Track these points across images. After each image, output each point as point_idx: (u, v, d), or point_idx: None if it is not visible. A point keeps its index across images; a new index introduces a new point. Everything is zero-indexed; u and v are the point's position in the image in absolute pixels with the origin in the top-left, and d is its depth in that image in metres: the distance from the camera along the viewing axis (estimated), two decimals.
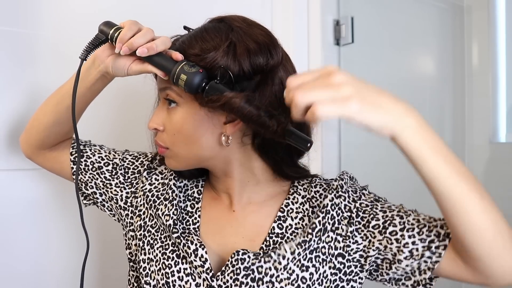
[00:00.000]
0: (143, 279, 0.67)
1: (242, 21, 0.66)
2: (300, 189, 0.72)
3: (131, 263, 0.73)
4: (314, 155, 0.74)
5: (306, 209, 0.69)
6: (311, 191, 0.71)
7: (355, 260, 0.65)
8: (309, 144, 0.57)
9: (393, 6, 1.42)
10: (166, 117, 0.66)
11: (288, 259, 0.63)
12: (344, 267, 0.65)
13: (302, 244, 0.63)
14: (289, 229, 0.68)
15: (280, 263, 0.62)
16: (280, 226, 0.68)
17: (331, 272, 0.64)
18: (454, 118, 1.54)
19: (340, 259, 0.65)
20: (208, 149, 0.66)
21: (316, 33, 1.24)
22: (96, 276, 0.98)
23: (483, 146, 1.47)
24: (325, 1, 1.25)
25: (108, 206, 0.77)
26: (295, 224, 0.68)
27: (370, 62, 1.38)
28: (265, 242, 0.67)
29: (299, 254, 0.63)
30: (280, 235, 0.67)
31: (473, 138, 1.50)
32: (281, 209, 0.69)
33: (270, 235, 0.67)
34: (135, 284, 0.73)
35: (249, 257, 0.62)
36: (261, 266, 0.62)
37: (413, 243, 0.61)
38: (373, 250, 0.64)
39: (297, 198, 0.71)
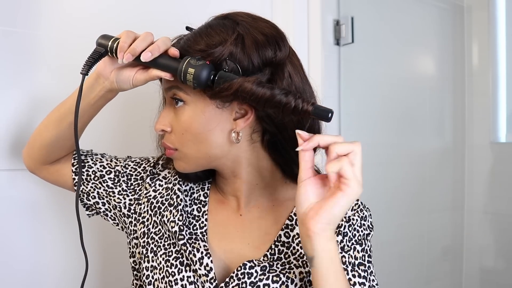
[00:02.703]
0: (146, 287, 0.66)
1: (246, 15, 0.65)
2: None
3: (135, 272, 0.72)
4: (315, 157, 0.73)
5: None
6: None
7: None
8: (330, 114, 0.55)
9: (393, 6, 1.42)
10: (174, 117, 0.65)
11: (296, 284, 0.61)
12: None
13: (308, 273, 0.62)
14: (296, 239, 0.66)
15: (287, 286, 0.61)
16: (287, 234, 0.66)
17: None
18: (454, 118, 1.54)
19: None
20: (218, 147, 0.64)
21: (316, 33, 1.24)
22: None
23: (483, 146, 1.47)
24: (325, 1, 1.25)
25: (111, 215, 0.75)
26: None
27: (370, 62, 1.38)
28: (270, 250, 0.65)
29: (306, 285, 0.62)
30: (286, 244, 0.66)
31: (473, 138, 1.50)
32: (289, 217, 0.68)
33: (276, 243, 0.66)
34: None
35: (256, 271, 0.61)
36: (268, 285, 0.61)
37: None
38: None
39: None
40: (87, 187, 0.74)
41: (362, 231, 0.67)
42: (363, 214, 0.68)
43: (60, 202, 0.92)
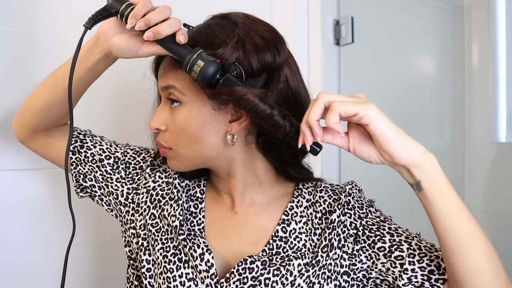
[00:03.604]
0: (146, 279, 0.65)
1: (246, 17, 0.64)
2: (305, 192, 0.71)
3: (131, 261, 0.72)
4: (314, 156, 0.73)
5: (310, 213, 0.69)
6: (316, 195, 0.70)
7: (358, 279, 0.65)
8: (319, 149, 0.57)
9: (393, 6, 1.42)
10: (169, 117, 0.65)
11: (295, 276, 0.62)
12: (348, 286, 0.64)
13: (312, 265, 0.63)
14: (292, 233, 0.67)
15: (287, 278, 0.62)
16: (284, 229, 0.67)
17: None
18: (454, 118, 1.54)
19: (345, 277, 0.64)
20: (213, 149, 0.64)
21: (316, 33, 1.24)
22: (94, 274, 0.97)
23: (483, 146, 1.47)
24: (325, 1, 1.25)
25: (106, 200, 0.74)
26: (299, 228, 0.67)
27: (370, 62, 1.38)
28: (268, 245, 0.66)
29: (307, 271, 0.62)
30: (283, 239, 0.66)
31: (473, 138, 1.49)
32: (285, 212, 0.69)
33: (274, 238, 0.66)
34: (135, 283, 0.71)
35: (257, 266, 0.61)
36: (269, 279, 0.61)
37: (413, 270, 0.60)
38: (375, 272, 0.63)
39: (302, 202, 0.70)
40: (84, 169, 0.73)
41: (364, 198, 0.71)
42: (358, 188, 0.73)
43: (60, 202, 0.92)
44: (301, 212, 0.69)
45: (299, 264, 0.62)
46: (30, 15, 0.88)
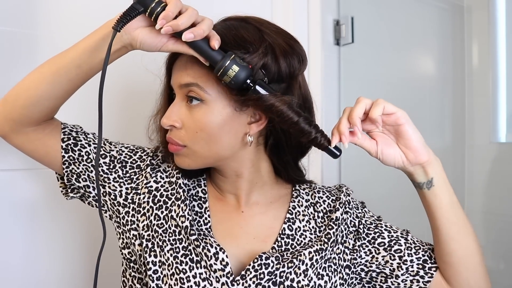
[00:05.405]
0: (153, 282, 0.63)
1: (267, 22, 0.66)
2: (303, 193, 0.75)
3: (131, 263, 0.69)
4: (314, 157, 0.75)
5: (311, 212, 0.73)
6: (315, 196, 0.75)
7: (357, 273, 0.71)
8: (339, 153, 0.61)
9: (393, 6, 1.42)
10: (186, 114, 0.64)
11: (306, 264, 0.65)
12: (349, 278, 0.70)
13: (320, 252, 0.66)
14: (298, 231, 0.70)
15: (299, 268, 0.65)
16: (290, 227, 0.70)
17: (340, 283, 0.68)
18: (454, 118, 1.54)
19: (347, 270, 0.70)
20: (229, 149, 0.65)
21: (316, 33, 1.24)
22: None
23: (483, 146, 1.47)
24: (325, 1, 1.25)
25: (101, 201, 0.71)
26: (303, 226, 0.71)
27: (370, 62, 1.37)
28: (276, 243, 0.68)
29: (316, 261, 0.66)
30: (290, 236, 0.69)
31: (473, 138, 1.49)
32: (289, 211, 0.72)
33: (281, 235, 0.69)
34: (137, 286, 0.68)
35: (272, 262, 0.63)
36: (284, 271, 0.64)
37: (411, 261, 0.70)
38: (375, 265, 0.70)
39: (302, 202, 0.74)
40: (78, 168, 0.69)
41: (356, 200, 0.78)
42: (351, 190, 0.79)
43: (60, 202, 0.92)
44: (303, 211, 0.73)
45: (309, 252, 0.66)
46: (30, 15, 0.88)
